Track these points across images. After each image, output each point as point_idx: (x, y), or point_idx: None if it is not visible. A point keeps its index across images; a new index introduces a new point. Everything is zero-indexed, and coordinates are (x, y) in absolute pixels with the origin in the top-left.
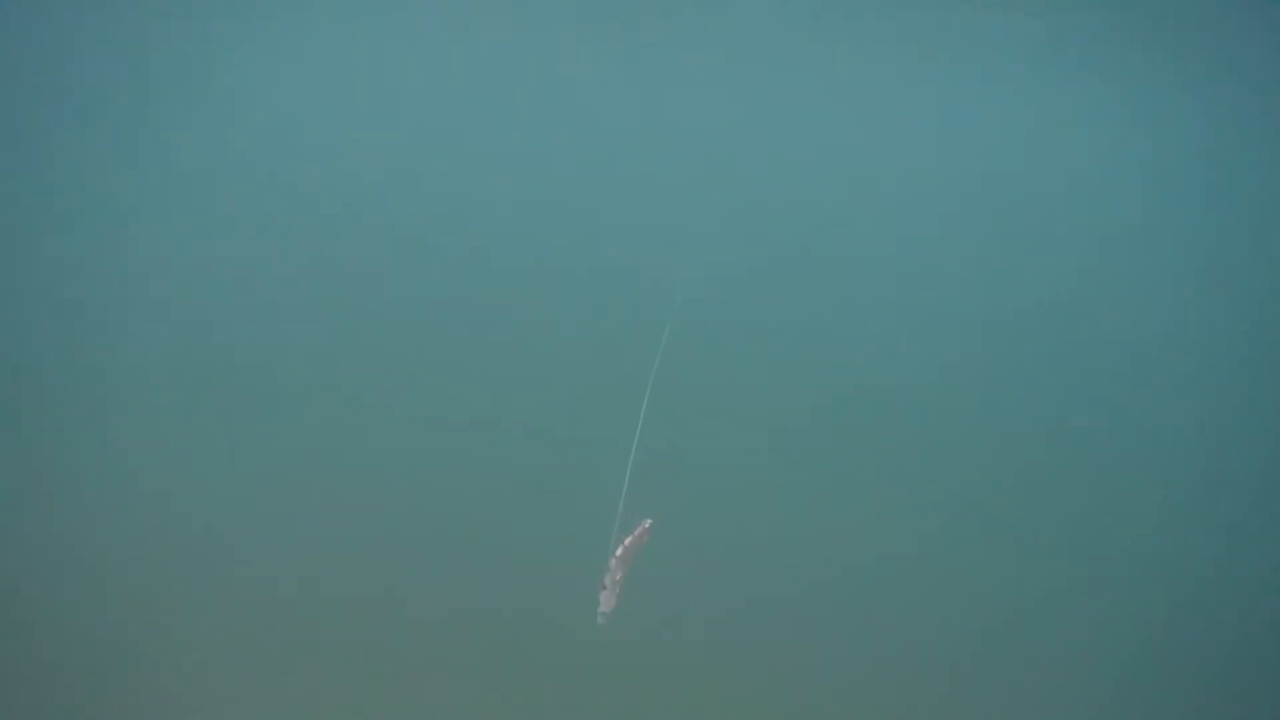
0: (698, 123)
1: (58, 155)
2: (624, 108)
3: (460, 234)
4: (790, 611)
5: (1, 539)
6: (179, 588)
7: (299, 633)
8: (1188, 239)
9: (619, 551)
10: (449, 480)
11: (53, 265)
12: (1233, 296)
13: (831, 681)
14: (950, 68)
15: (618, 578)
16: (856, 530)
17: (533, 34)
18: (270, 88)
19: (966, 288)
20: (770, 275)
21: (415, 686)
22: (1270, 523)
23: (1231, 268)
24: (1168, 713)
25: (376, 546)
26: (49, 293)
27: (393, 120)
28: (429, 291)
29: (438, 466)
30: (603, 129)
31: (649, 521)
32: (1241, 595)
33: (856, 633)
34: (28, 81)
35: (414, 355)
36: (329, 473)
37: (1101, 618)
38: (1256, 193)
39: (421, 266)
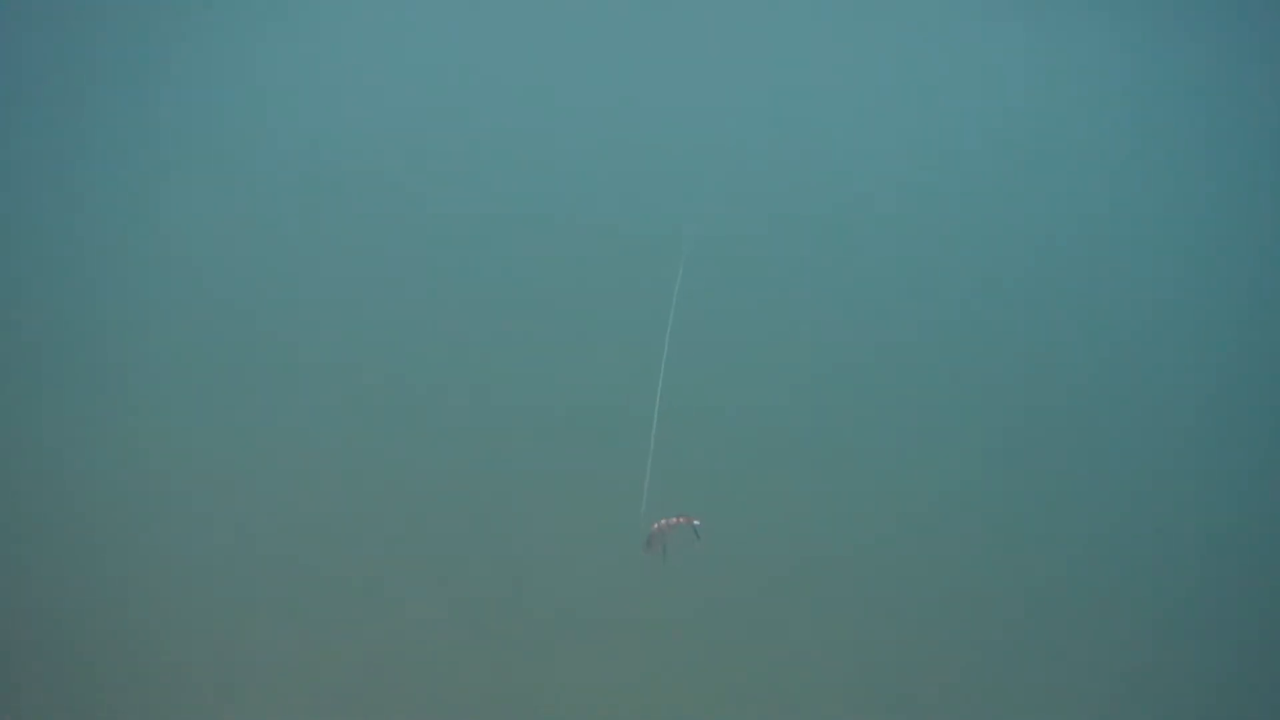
0: (698, 70)
1: (67, 144)
2: (626, 48)
3: (453, 189)
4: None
5: (13, 531)
6: (192, 578)
7: (308, 629)
8: (1195, 174)
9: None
10: (463, 457)
11: (61, 257)
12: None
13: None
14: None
15: (661, 530)
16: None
17: None
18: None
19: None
20: (775, 218)
21: (422, 676)
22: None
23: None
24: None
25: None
26: (59, 283)
27: (392, 75)
28: (433, 258)
29: (453, 442)
30: (602, 66)
31: (693, 521)
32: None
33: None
34: (50, 69)
35: (418, 330)
36: (351, 458)
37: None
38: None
39: (427, 228)
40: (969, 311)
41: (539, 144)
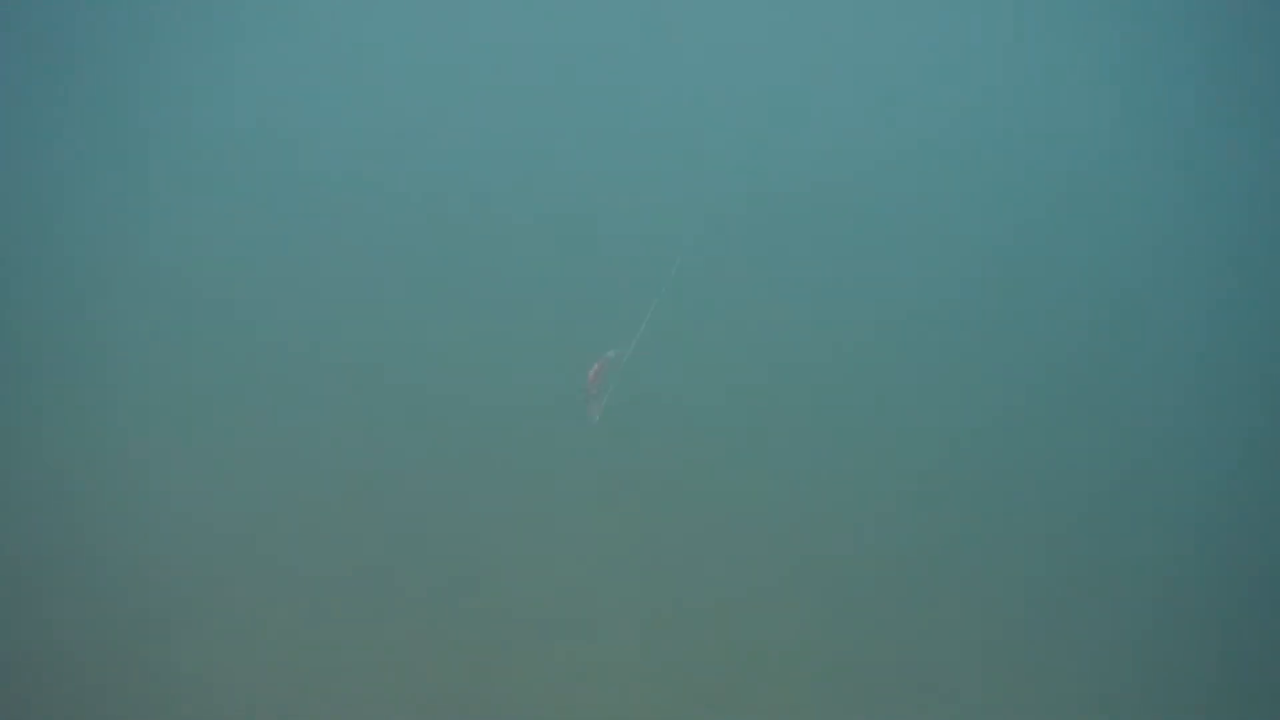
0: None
1: (49, 149)
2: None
3: (439, 185)
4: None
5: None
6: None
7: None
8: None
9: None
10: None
11: (53, 261)
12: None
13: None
14: None
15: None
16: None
17: None
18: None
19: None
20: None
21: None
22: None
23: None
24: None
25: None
26: (52, 286)
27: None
28: (418, 254)
29: (443, 442)
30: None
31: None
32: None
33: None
34: (29, 75)
35: (407, 327)
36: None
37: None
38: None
39: (409, 223)
40: (962, 301)
41: (542, 142)
